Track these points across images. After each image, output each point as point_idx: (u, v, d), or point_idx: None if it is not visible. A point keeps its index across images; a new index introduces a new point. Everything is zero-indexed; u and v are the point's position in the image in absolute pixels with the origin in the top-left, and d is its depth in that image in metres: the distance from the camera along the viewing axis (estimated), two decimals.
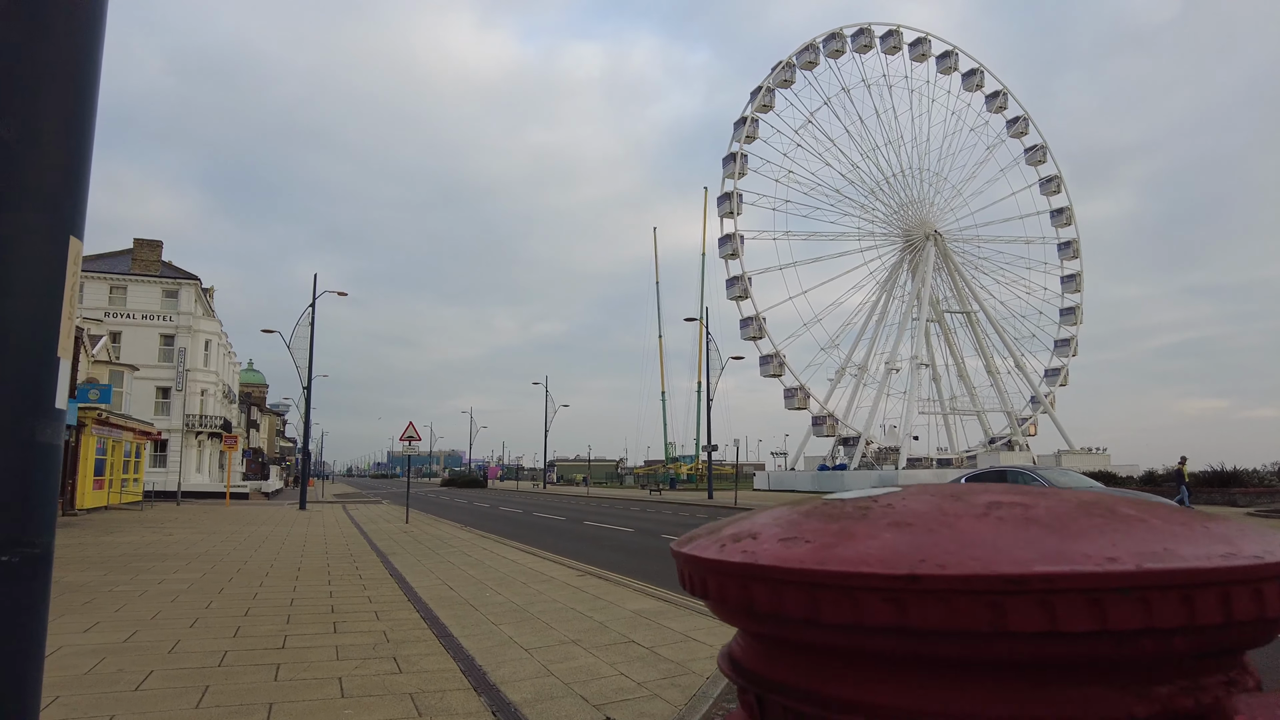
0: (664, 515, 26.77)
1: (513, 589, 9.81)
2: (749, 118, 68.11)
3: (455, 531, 19.82)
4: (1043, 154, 75.84)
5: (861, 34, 70.52)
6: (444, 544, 16.36)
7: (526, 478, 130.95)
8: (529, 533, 19.99)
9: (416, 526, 21.86)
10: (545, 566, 12.03)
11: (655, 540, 17.12)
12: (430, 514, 28.49)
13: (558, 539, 17.98)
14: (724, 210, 66.79)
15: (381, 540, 17.54)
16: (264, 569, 11.97)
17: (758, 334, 65.38)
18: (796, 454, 75.12)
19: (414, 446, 24.65)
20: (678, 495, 51.89)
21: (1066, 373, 75.93)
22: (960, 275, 72.17)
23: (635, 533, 19.28)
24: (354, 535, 19.15)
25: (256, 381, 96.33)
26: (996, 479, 16.39)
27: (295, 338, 35.13)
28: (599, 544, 16.46)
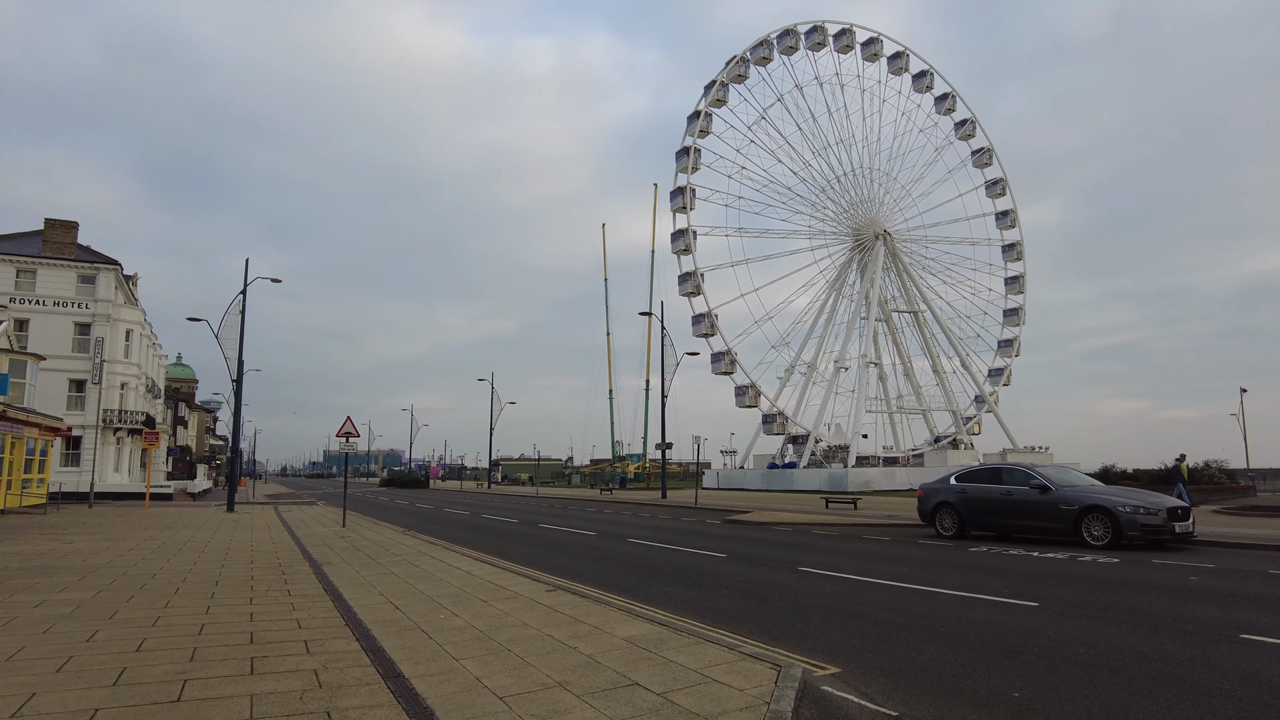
0: (623, 516, 25.38)
1: (472, 609, 8.31)
2: (702, 112, 67.14)
3: (398, 536, 18.10)
4: (989, 156, 76.83)
5: (815, 31, 70.24)
6: (386, 551, 14.69)
7: (470, 477, 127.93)
8: (481, 537, 18.40)
9: (355, 530, 20.05)
10: (506, 579, 10.53)
11: (623, 545, 15.72)
12: (369, 516, 26.57)
13: (514, 544, 16.45)
14: (677, 205, 65.68)
15: (316, 547, 15.77)
16: (174, 584, 10.21)
17: (709, 331, 64.51)
18: (746, 452, 74.63)
19: (351, 444, 22.73)
20: (630, 495, 50.55)
21: (1010, 372, 77.15)
22: (908, 275, 72.54)
23: (598, 536, 17.85)
24: (285, 541, 17.30)
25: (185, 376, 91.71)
26: (990, 477, 15.48)
27: (224, 327, 32.66)
28: (561, 550, 14.99)
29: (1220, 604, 8.31)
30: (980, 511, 15.09)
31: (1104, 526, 13.04)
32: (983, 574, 10.86)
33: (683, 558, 13.30)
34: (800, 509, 27.59)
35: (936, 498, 15.98)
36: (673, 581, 10.53)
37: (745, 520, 21.27)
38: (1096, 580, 10.09)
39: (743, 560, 12.73)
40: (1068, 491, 13.84)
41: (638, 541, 16.25)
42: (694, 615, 7.99)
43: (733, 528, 19.86)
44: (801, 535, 17.17)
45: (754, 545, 15.09)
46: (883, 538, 16.30)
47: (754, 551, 13.91)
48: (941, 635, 6.99)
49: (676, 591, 9.67)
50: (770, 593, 9.46)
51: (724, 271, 67.18)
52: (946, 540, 15.27)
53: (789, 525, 19.87)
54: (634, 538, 17.11)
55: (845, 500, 29.87)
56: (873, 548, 14.47)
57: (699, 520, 22.98)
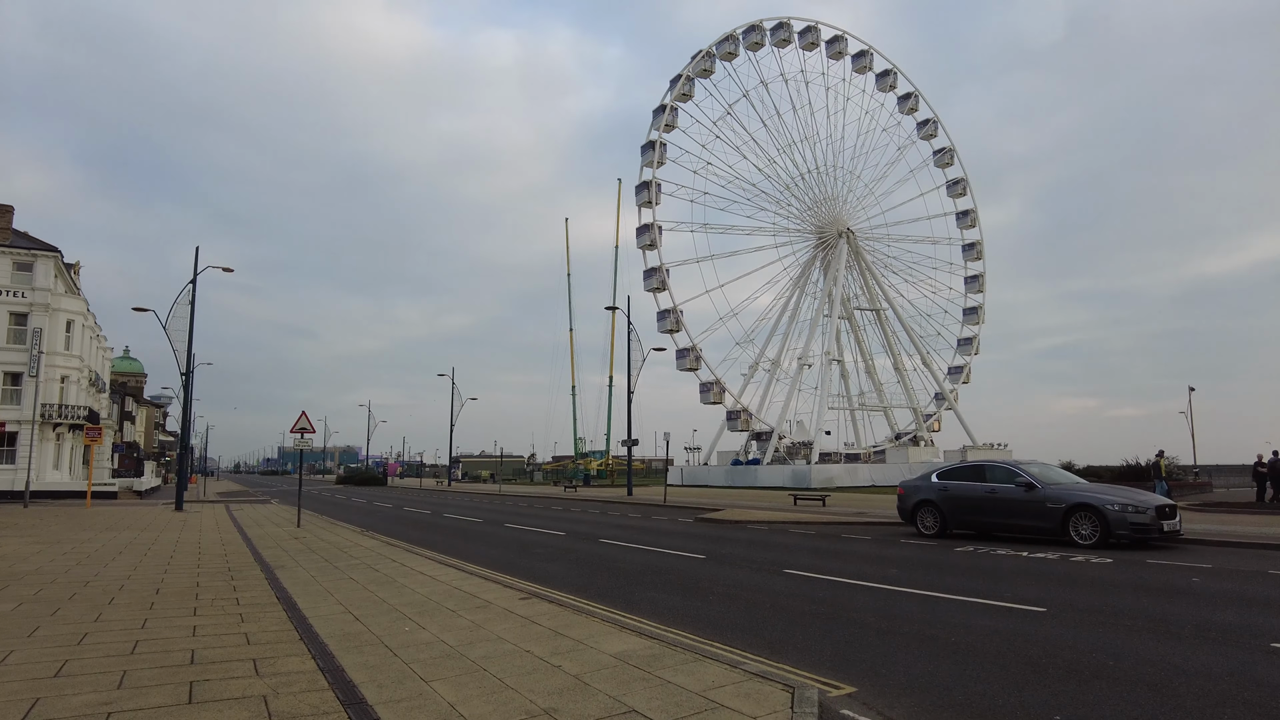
0: (591, 515, 24.71)
1: (440, 620, 7.61)
2: (668, 106, 66.64)
3: (356, 538, 17.23)
4: (950, 156, 77.51)
5: (781, 28, 70.08)
6: (344, 554, 13.85)
7: (429, 475, 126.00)
8: (444, 539, 17.60)
9: (310, 531, 19.10)
10: (476, 585, 9.83)
11: (596, 546, 15.07)
12: (326, 516, 25.53)
13: (480, 546, 15.70)
14: (642, 199, 65.13)
15: (268, 549, 14.85)
16: (109, 593, 9.32)
17: (675, 327, 64.11)
18: (710, 449, 74.40)
19: (307, 440, 21.71)
20: (595, 492, 49.86)
21: (969, 370, 78.03)
22: (871, 273, 72.94)
23: (569, 537, 17.17)
24: (236, 542, 16.33)
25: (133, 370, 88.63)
26: (973, 474, 15.13)
27: (174, 318, 31.25)
28: (531, 552, 14.29)
29: (1237, 609, 7.95)
30: (963, 510, 14.75)
31: (1092, 525, 12.76)
32: (975, 576, 10.45)
33: (661, 560, 12.70)
34: (769, 506, 27.21)
35: (917, 496, 15.61)
36: (655, 586, 9.93)
37: (718, 519, 20.76)
38: (1097, 582, 9.72)
39: (724, 562, 12.18)
40: (1054, 489, 13.54)
41: (610, 542, 15.62)
42: (684, 625, 7.40)
43: (707, 526, 19.33)
44: (779, 535, 16.69)
45: (732, 545, 14.56)
46: (863, 537, 15.90)
47: (734, 552, 13.37)
48: (954, 647, 6.49)
49: (661, 598, 9.07)
50: (760, 598, 8.91)
51: (689, 268, 66.85)
52: (929, 539, 14.90)
53: (763, 524, 19.40)
54: (606, 538, 16.47)
55: (813, 497, 29.56)
56: (855, 548, 14.04)
57: (670, 519, 22.41)
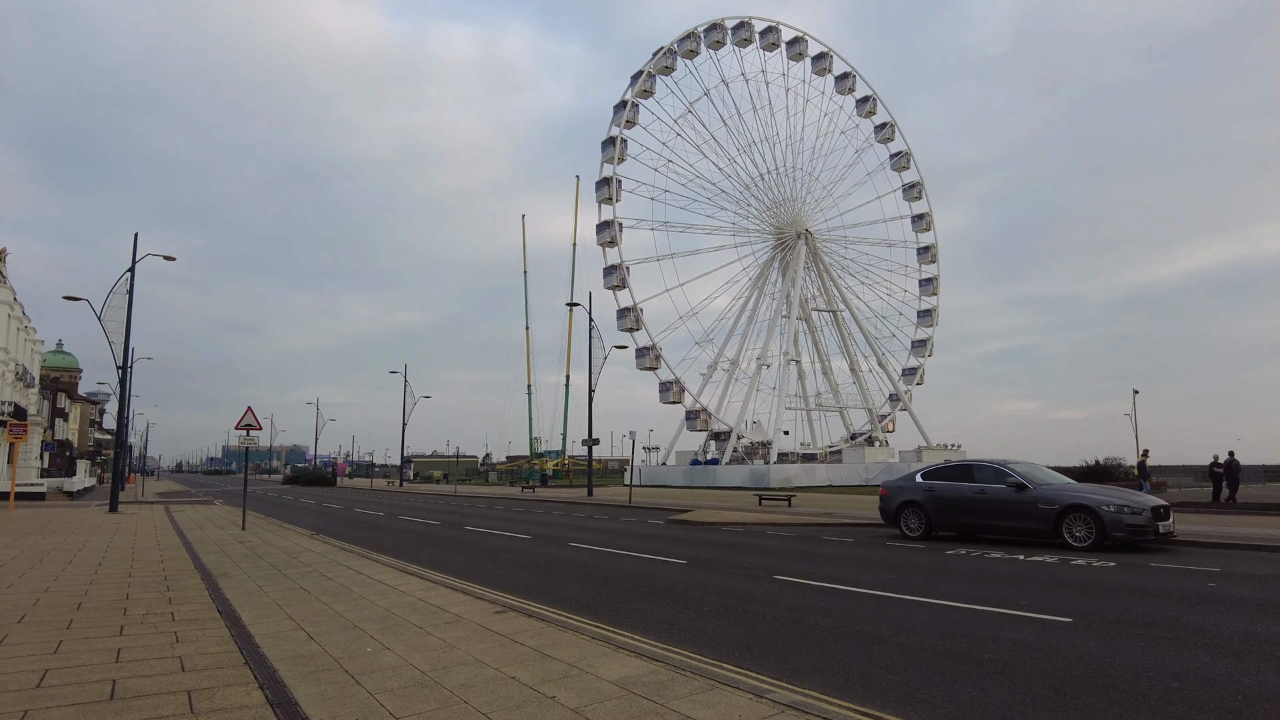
0: (555, 517, 23.78)
1: (407, 639, 6.71)
2: (629, 102, 65.98)
3: (307, 542, 16.09)
4: (906, 160, 78.27)
5: (742, 27, 69.93)
6: (294, 560, 12.77)
7: (379, 475, 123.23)
8: (402, 543, 16.55)
9: (256, 534, 17.86)
10: (442, 596, 8.92)
11: (567, 551, 14.20)
12: (273, 518, 24.16)
13: (442, 551, 14.71)
14: (602, 196, 64.36)
15: (210, 555, 13.68)
16: (20, 609, 8.19)
17: (635, 325, 63.43)
18: (668, 449, 73.84)
19: (252, 437, 20.42)
20: (554, 493, 48.81)
21: (923, 372, 78.96)
22: (829, 275, 73.25)
23: (536, 540, 16.25)
24: (174, 547, 15.09)
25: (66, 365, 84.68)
26: (961, 475, 14.63)
27: (110, 309, 29.43)
28: (498, 558, 13.36)
29: (1275, 620, 7.46)
30: (950, 511, 14.26)
31: (1087, 527, 12.34)
32: (979, 581, 9.87)
33: (640, 565, 11.90)
34: (736, 506, 26.62)
35: (901, 496, 15.09)
36: (639, 596, 9.13)
37: (690, 520, 20.02)
38: (1111, 588, 9.21)
39: (709, 568, 11.43)
40: (1046, 490, 13.10)
41: (582, 546, 14.76)
42: (685, 643, 6.61)
43: (680, 529, 18.56)
44: (757, 537, 16.02)
45: (712, 549, 13.83)
46: (845, 539, 15.31)
47: (716, 557, 12.64)
48: (991, 665, 5.83)
49: (649, 609, 8.27)
50: (759, 610, 8.17)
51: (648, 266, 66.33)
52: (915, 542, 14.38)
53: (738, 526, 18.73)
54: (576, 541, 15.60)
55: (779, 498, 29.10)
56: (841, 551, 13.42)
57: (640, 520, 21.61)
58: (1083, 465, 33.70)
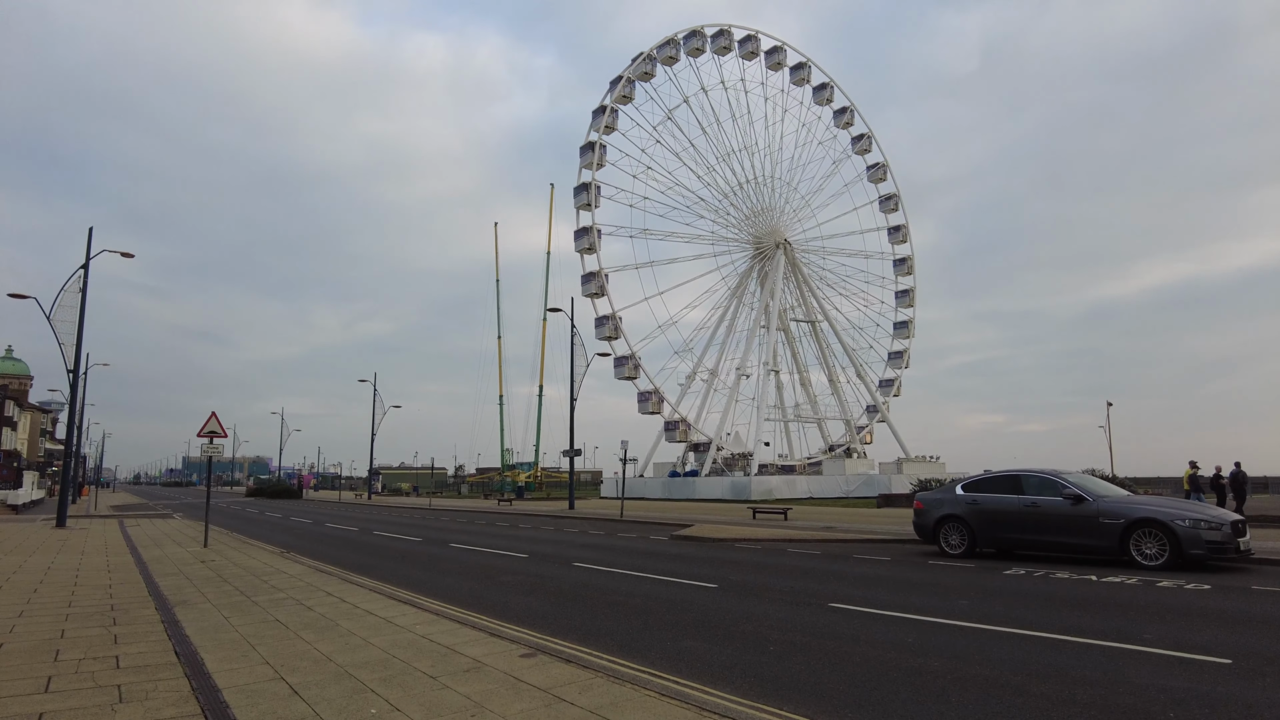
0: (545, 533, 22.22)
1: (418, 695, 5.26)
2: (608, 107, 64.81)
3: (277, 561, 14.44)
4: (883, 172, 78.09)
5: (721, 35, 69.38)
6: (264, 584, 11.17)
7: (345, 487, 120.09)
8: (383, 563, 14.94)
9: (221, 552, 16.14)
10: (448, 631, 7.45)
11: (573, 572, 12.72)
12: (237, 533, 22.33)
13: (430, 573, 13.17)
14: (580, 202, 63.01)
15: (167, 577, 12.02)
16: None
17: (613, 334, 62.03)
18: (646, 460, 72.33)
19: (217, 446, 18.70)
20: (533, 505, 47.12)
21: (900, 383, 78.54)
22: (808, 285, 72.65)
23: (533, 560, 14.72)
24: (126, 568, 13.38)
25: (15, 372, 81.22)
26: (1007, 486, 13.42)
27: (61, 308, 27.43)
28: (497, 581, 11.85)
29: None
30: (996, 526, 13.04)
31: (1158, 544, 11.19)
32: (1068, 607, 8.59)
33: (665, 590, 10.48)
34: (733, 520, 25.30)
35: (940, 510, 13.84)
36: (683, 630, 7.72)
37: (696, 536, 18.52)
38: (1241, 618, 7.89)
39: (747, 594, 10.05)
40: (1109, 503, 11.93)
41: (588, 566, 13.29)
42: (777, 699, 5.25)
43: (689, 546, 17.08)
44: (778, 556, 14.65)
45: (738, 570, 12.44)
46: (878, 557, 14.01)
47: (747, 580, 11.26)
48: None
49: (706, 650, 6.87)
50: (838, 649, 6.81)
51: (626, 274, 65.06)
52: (958, 560, 13.13)
53: (751, 542, 17.31)
54: (580, 561, 14.11)
55: (774, 510, 27.83)
56: (882, 571, 12.12)
57: (641, 536, 20.08)
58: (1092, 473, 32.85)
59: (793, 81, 73.06)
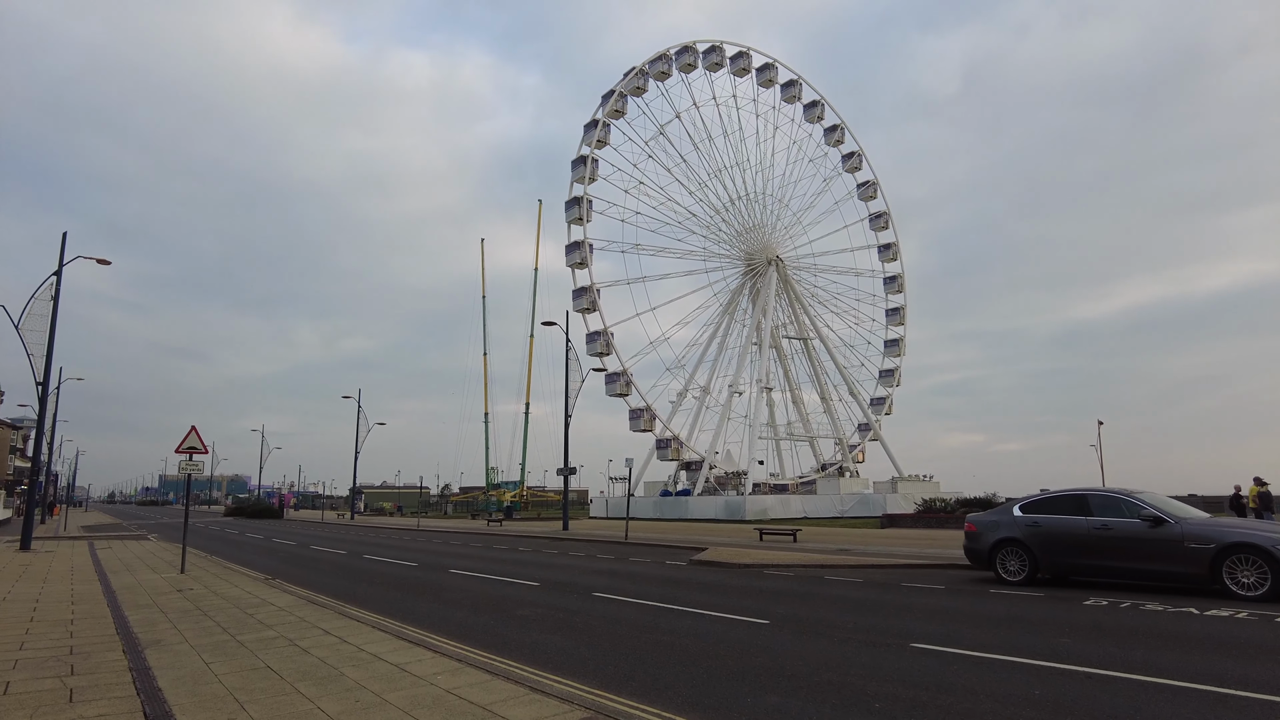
0: (549, 557, 20.83)
1: None
2: (600, 121, 64.11)
3: (262, 590, 13.05)
4: (873, 190, 77.85)
5: (713, 51, 68.99)
6: (250, 618, 9.82)
7: (326, 506, 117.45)
8: (381, 592, 13.58)
9: (199, 579, 14.71)
10: (482, 685, 6.17)
11: (597, 604, 11.42)
12: (217, 556, 20.82)
13: (435, 604, 11.83)
14: (572, 216, 62.06)
15: (139, 610, 10.64)
16: None
17: (605, 349, 60.89)
18: (636, 479, 70.91)
19: (196, 462, 17.29)
20: (523, 526, 45.53)
21: (891, 402, 77.84)
22: (800, 302, 71.96)
23: (548, 589, 13.36)
24: (93, 598, 11.97)
25: None
26: (1073, 506, 12.26)
27: (31, 317, 25.92)
28: (514, 616, 10.54)
29: None
30: (1062, 550, 11.89)
31: (1258, 572, 10.06)
32: (1199, 650, 7.38)
33: (711, 627, 9.23)
34: (743, 542, 24.02)
35: (995, 534, 12.67)
36: (760, 682, 6.46)
37: (717, 561, 17.10)
38: None
39: (805, 631, 8.82)
40: (1195, 526, 10.81)
41: (610, 597, 11.97)
42: None
43: (712, 572, 15.69)
44: (818, 584, 13.38)
45: (781, 602, 11.20)
46: (933, 585, 12.78)
47: (799, 614, 10.01)
48: None
49: (797, 708, 5.64)
50: (958, 705, 5.60)
51: (617, 290, 64.07)
52: (1021, 588, 11.94)
53: (782, 568, 15.98)
54: (599, 590, 12.78)
55: (783, 532, 26.63)
56: (945, 602, 10.92)
57: (655, 561, 18.68)
58: None
59: (783, 99, 72.79)
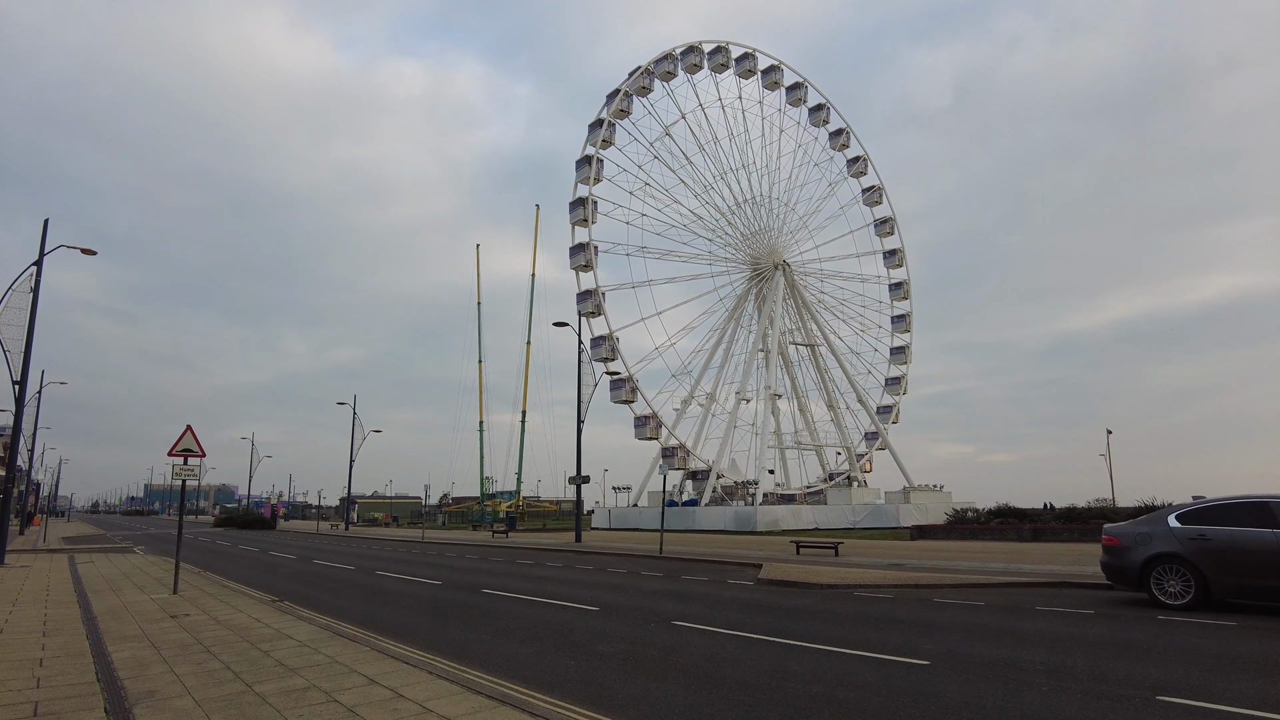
0: (585, 574, 18.75)
1: None
2: (606, 120, 62.35)
3: (271, 615, 11.03)
4: (879, 195, 76.52)
5: (719, 52, 67.49)
6: (265, 656, 7.84)
7: (315, 516, 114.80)
8: (414, 619, 11.58)
9: (196, 602, 12.67)
10: None
11: (688, 635, 9.42)
12: (212, 572, 18.71)
13: (488, 636, 9.85)
14: (577, 217, 60.19)
15: (125, 645, 8.63)
16: None
17: (610, 355, 58.84)
18: (640, 488, 68.88)
19: (191, 467, 15.28)
20: (531, 538, 43.37)
21: (898, 410, 76.07)
22: (807, 308, 70.28)
23: (610, 615, 11.33)
24: (69, 628, 9.95)
25: None
26: (1250, 516, 10.34)
27: (9, 309, 23.82)
28: (591, 650, 8.58)
29: None
30: (1243, 570, 9.97)
31: None
32: None
33: (859, 670, 7.29)
34: (780, 556, 22.09)
35: (1148, 549, 10.76)
36: None
37: (791, 581, 14.39)
38: None
39: (989, 676, 6.91)
40: None
41: (703, 629, 9.95)
42: None
43: (796, 595, 13.31)
44: (933, 609, 11.35)
45: (913, 633, 9.28)
46: (1080, 609, 10.78)
47: (956, 650, 8.10)
48: None
49: None
50: None
51: (621, 295, 62.13)
52: (1191, 613, 10.07)
53: (870, 588, 13.86)
54: (679, 619, 10.74)
55: (822, 545, 24.72)
56: (1118, 632, 9.00)
57: (716, 580, 16.39)
58: (1139, 505, 30.14)
59: (788, 101, 71.39)
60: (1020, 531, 32.07)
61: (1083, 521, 31.74)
